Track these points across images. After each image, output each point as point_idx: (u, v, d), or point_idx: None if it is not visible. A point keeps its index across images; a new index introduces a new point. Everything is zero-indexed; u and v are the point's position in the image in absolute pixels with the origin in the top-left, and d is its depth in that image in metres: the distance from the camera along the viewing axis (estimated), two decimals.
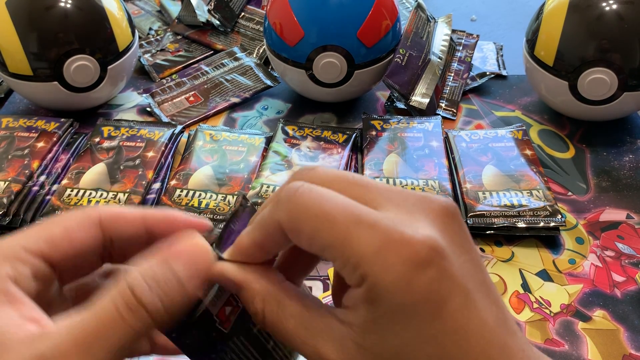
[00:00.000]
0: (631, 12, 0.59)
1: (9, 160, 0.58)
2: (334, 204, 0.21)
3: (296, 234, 0.21)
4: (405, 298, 0.20)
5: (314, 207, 0.21)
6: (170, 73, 0.76)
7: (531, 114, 0.70)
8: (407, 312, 0.20)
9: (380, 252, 0.20)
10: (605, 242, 0.53)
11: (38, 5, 0.61)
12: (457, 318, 0.20)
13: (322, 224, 0.21)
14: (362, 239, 0.20)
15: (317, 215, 0.21)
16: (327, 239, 0.21)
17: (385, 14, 0.64)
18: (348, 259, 0.20)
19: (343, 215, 0.21)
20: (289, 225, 0.21)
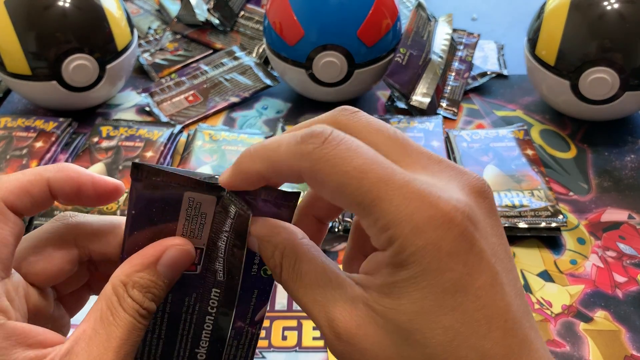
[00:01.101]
0: (633, 11, 0.58)
1: (7, 160, 0.58)
2: (364, 159, 0.20)
3: (319, 186, 0.20)
4: (432, 265, 0.19)
5: (342, 163, 0.19)
6: (169, 72, 0.76)
7: (532, 113, 0.70)
8: (432, 280, 0.19)
9: (413, 215, 0.19)
10: (607, 243, 0.53)
11: (37, 4, 0.61)
12: (481, 296, 0.19)
13: (349, 179, 0.19)
14: (394, 199, 0.19)
15: (345, 170, 0.19)
16: (355, 197, 0.20)
17: (385, 13, 0.64)
18: (377, 219, 0.19)
19: (374, 172, 0.19)
20: (311, 176, 0.20)
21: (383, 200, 0.19)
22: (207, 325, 0.26)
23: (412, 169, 0.21)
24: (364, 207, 0.20)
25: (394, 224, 0.19)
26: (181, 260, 0.24)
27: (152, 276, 0.23)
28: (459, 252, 0.19)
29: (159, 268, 0.23)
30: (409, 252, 0.19)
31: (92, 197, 0.25)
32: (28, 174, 0.24)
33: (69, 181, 0.25)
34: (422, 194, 0.19)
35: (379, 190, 0.19)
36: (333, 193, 0.20)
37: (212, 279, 0.25)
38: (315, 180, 0.20)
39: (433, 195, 0.19)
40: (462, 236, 0.19)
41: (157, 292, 0.23)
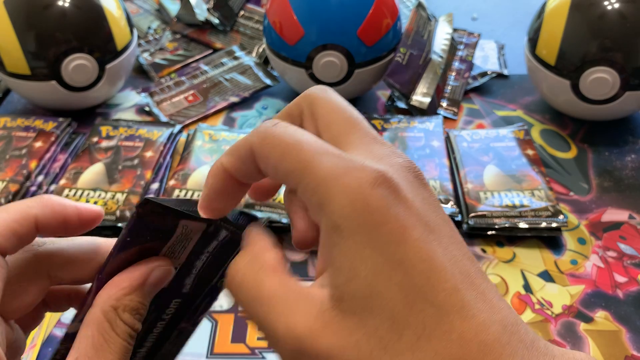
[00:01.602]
0: (633, 10, 0.58)
1: (6, 160, 0.57)
2: (305, 136, 0.21)
3: (265, 158, 0.22)
4: (364, 217, 0.19)
5: (285, 135, 0.21)
6: (169, 72, 0.76)
7: (533, 113, 0.69)
8: (371, 234, 0.19)
9: (338, 177, 0.20)
10: (607, 243, 0.53)
11: (36, 4, 0.61)
12: (421, 247, 0.19)
13: (289, 149, 0.21)
14: (323, 164, 0.20)
15: (287, 142, 0.21)
16: (292, 164, 0.21)
17: (385, 12, 0.64)
18: (308, 183, 0.20)
19: (311, 144, 0.21)
20: (259, 150, 0.22)
21: (314, 166, 0.20)
22: (157, 329, 0.26)
23: (353, 145, 0.22)
24: (298, 174, 0.21)
25: (322, 185, 0.20)
26: (164, 279, 0.24)
27: (140, 298, 0.24)
28: (388, 207, 0.20)
29: (145, 288, 0.24)
30: (339, 212, 0.20)
31: (77, 227, 0.25)
32: (13, 212, 0.24)
33: (55, 216, 0.25)
34: (351, 161, 0.20)
35: (313, 158, 0.21)
36: (275, 163, 0.21)
37: (176, 292, 0.25)
38: (262, 153, 0.22)
39: (360, 162, 0.20)
40: (388, 192, 0.20)
41: (143, 312, 0.24)
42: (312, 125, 0.24)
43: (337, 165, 0.20)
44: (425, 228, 0.20)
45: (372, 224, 0.19)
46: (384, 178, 0.20)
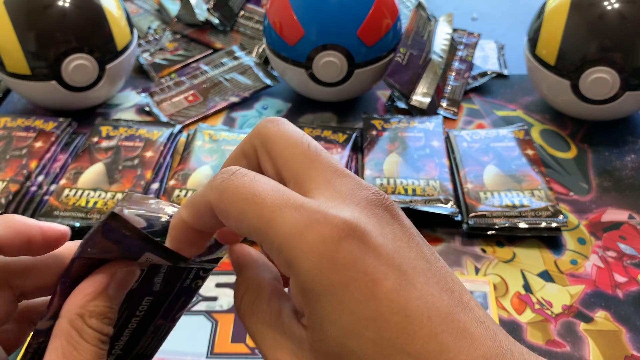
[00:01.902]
0: (633, 11, 0.58)
1: (6, 160, 0.57)
2: (264, 187, 0.21)
3: (225, 215, 0.21)
4: (332, 278, 0.19)
5: (243, 189, 0.21)
6: (169, 72, 0.76)
7: (533, 113, 0.70)
8: (339, 295, 0.19)
9: (302, 234, 0.19)
10: (607, 243, 0.53)
11: (36, 4, 0.61)
12: (393, 298, 0.19)
13: (249, 205, 0.20)
14: (285, 221, 0.20)
15: (245, 197, 0.20)
16: (253, 221, 0.20)
17: (385, 12, 0.64)
18: (272, 241, 0.20)
19: (271, 197, 0.20)
20: (218, 206, 0.21)
21: (277, 222, 0.20)
22: (132, 324, 0.26)
23: (315, 184, 0.21)
24: (261, 232, 0.20)
25: (286, 244, 0.20)
26: (128, 281, 0.24)
27: (106, 302, 0.23)
28: (355, 262, 0.19)
29: (110, 292, 0.23)
30: (306, 272, 0.19)
31: (41, 247, 0.25)
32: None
33: (18, 236, 0.24)
34: (313, 212, 0.20)
35: (273, 213, 0.20)
36: (236, 220, 0.21)
37: (147, 290, 0.25)
38: (222, 209, 0.21)
39: (323, 213, 0.20)
40: (355, 245, 0.19)
41: (112, 315, 0.24)
42: (270, 163, 0.23)
43: (298, 221, 0.20)
44: (398, 274, 0.20)
45: (340, 284, 0.19)
46: (349, 229, 0.20)
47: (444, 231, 0.54)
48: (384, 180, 0.56)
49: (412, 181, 0.55)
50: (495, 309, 0.47)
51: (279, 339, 0.21)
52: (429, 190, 0.54)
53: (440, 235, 0.54)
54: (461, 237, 0.53)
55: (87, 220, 0.51)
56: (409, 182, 0.55)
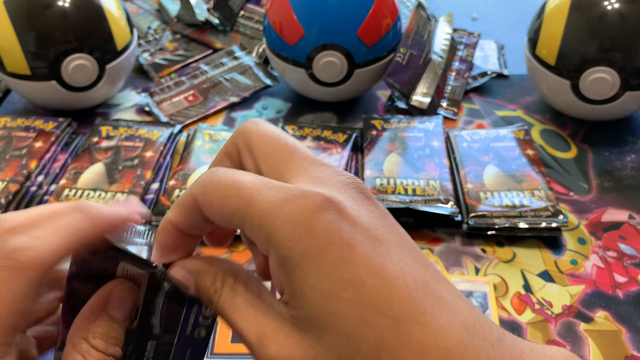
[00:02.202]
0: (633, 11, 0.58)
1: (6, 160, 0.57)
2: (243, 175, 0.22)
3: (209, 206, 0.22)
4: (309, 244, 0.20)
5: (225, 178, 0.22)
6: (169, 72, 0.76)
7: (533, 113, 0.69)
8: (317, 259, 0.20)
9: (280, 207, 0.20)
10: (607, 243, 0.53)
11: (36, 4, 0.61)
12: (370, 262, 0.20)
13: (230, 190, 0.21)
14: (264, 198, 0.21)
15: (227, 184, 0.21)
16: (234, 205, 0.21)
17: (385, 12, 0.64)
18: (252, 220, 0.21)
19: (250, 182, 0.21)
20: (202, 198, 0.22)
21: (256, 201, 0.21)
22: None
23: (293, 173, 0.23)
24: (242, 213, 0.21)
25: (266, 218, 0.20)
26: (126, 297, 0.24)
27: (108, 322, 0.24)
28: (332, 228, 0.20)
29: (111, 312, 0.24)
30: (285, 241, 0.20)
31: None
32: (68, 233, 0.24)
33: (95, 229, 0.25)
34: (290, 190, 0.21)
35: (252, 193, 0.21)
36: (219, 207, 0.22)
37: (148, 332, 0.25)
38: (205, 200, 0.22)
39: (301, 189, 0.21)
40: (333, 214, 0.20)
41: (117, 335, 0.24)
42: (251, 160, 0.24)
43: (277, 197, 0.21)
44: (373, 242, 0.20)
45: (317, 249, 0.20)
46: (325, 200, 0.20)
47: (444, 231, 0.54)
48: (384, 180, 0.56)
49: (412, 181, 0.55)
50: (495, 309, 0.47)
51: (261, 317, 0.22)
52: (429, 190, 0.54)
53: (440, 235, 0.54)
54: (461, 237, 0.53)
55: None
56: (409, 182, 0.55)
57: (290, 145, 0.24)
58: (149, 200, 0.55)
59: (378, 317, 0.19)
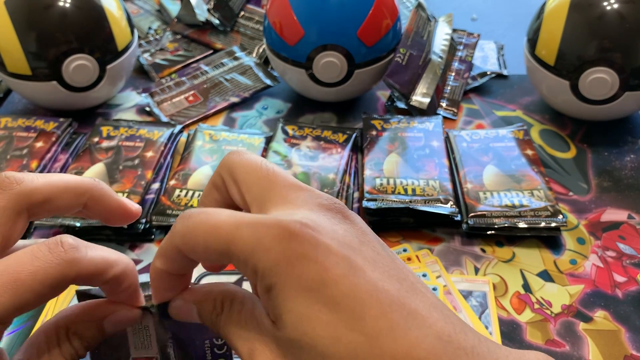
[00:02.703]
0: (633, 11, 0.58)
1: (7, 160, 0.58)
2: (218, 217, 0.23)
3: (193, 252, 0.23)
4: (287, 272, 0.21)
5: (201, 225, 0.23)
6: (169, 72, 0.76)
7: (532, 113, 0.70)
8: (294, 286, 0.21)
9: (261, 240, 0.21)
10: (607, 243, 0.53)
11: (37, 4, 0.61)
12: (343, 283, 0.21)
13: (210, 236, 0.22)
14: (244, 236, 0.22)
15: (205, 231, 0.22)
16: (218, 247, 0.22)
17: (385, 13, 0.64)
18: (238, 257, 0.22)
19: (227, 223, 0.22)
20: (185, 247, 0.23)
21: (237, 240, 0.22)
22: None
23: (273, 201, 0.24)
24: (228, 253, 0.22)
25: (250, 256, 0.22)
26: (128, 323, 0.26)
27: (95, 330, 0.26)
28: (306, 255, 0.21)
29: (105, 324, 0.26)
30: (267, 272, 0.21)
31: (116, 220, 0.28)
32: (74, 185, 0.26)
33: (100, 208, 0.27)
34: (267, 222, 0.22)
35: (233, 235, 0.22)
36: (204, 253, 0.23)
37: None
38: (188, 249, 0.23)
39: (275, 219, 0.22)
40: (305, 240, 0.21)
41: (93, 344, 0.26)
42: (236, 190, 0.26)
43: (254, 233, 0.22)
44: (347, 262, 0.21)
45: (294, 275, 0.21)
46: (300, 227, 0.22)
47: (443, 231, 0.54)
48: (383, 180, 0.56)
49: (412, 181, 0.56)
50: (495, 308, 0.47)
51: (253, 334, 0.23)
52: (428, 190, 0.54)
53: (440, 235, 0.54)
54: (461, 237, 0.54)
55: (87, 220, 0.51)
56: (408, 182, 0.55)
57: (271, 174, 0.25)
58: (150, 200, 0.55)
59: (351, 335, 0.20)
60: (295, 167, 0.58)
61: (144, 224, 0.53)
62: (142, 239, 0.53)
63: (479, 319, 0.46)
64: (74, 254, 0.23)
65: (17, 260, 0.22)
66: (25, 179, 0.25)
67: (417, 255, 0.51)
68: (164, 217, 0.53)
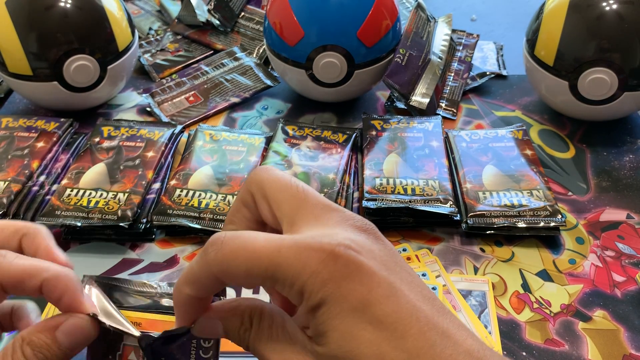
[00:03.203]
0: (631, 11, 0.59)
1: (8, 160, 0.58)
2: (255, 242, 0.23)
3: (233, 279, 0.24)
4: (334, 293, 0.22)
5: (240, 252, 0.23)
6: (170, 73, 0.76)
7: (531, 113, 0.70)
8: (341, 306, 0.22)
9: (306, 264, 0.22)
10: (606, 242, 0.53)
11: (38, 5, 0.61)
12: (386, 304, 0.22)
13: (251, 262, 0.23)
14: (288, 260, 0.23)
15: (246, 258, 0.23)
16: (261, 273, 0.23)
17: (385, 13, 0.64)
18: (284, 282, 0.23)
19: (267, 247, 0.23)
20: (223, 275, 0.24)
21: (281, 265, 0.23)
22: None
23: (306, 220, 0.25)
24: (273, 279, 0.23)
25: (296, 279, 0.22)
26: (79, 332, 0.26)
27: (48, 339, 0.26)
28: (352, 276, 0.22)
29: (57, 334, 0.26)
30: (314, 294, 0.22)
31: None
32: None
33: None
34: (308, 245, 0.23)
35: (275, 259, 0.23)
36: (246, 280, 0.24)
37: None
38: (229, 276, 0.24)
39: (318, 242, 0.23)
40: (350, 262, 0.22)
41: (48, 354, 0.26)
42: (266, 206, 0.26)
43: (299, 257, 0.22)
44: (388, 283, 0.23)
45: (340, 296, 0.22)
46: (343, 248, 0.22)
47: (443, 231, 0.54)
48: (383, 180, 0.56)
49: (412, 181, 0.56)
50: (494, 308, 0.47)
51: (287, 349, 0.24)
52: (428, 190, 0.55)
53: (440, 235, 0.54)
54: (460, 237, 0.54)
55: (88, 220, 0.52)
56: (408, 182, 0.56)
57: (301, 192, 0.25)
58: (150, 200, 0.55)
59: (394, 353, 0.22)
60: (295, 167, 0.58)
61: (144, 224, 0.53)
62: (142, 239, 0.54)
63: (478, 318, 0.46)
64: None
65: None
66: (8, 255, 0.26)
67: (417, 255, 0.51)
68: (165, 216, 0.53)
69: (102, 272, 0.51)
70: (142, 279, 0.32)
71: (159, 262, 0.52)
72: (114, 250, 0.53)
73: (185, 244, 0.53)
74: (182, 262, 0.52)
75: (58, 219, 0.52)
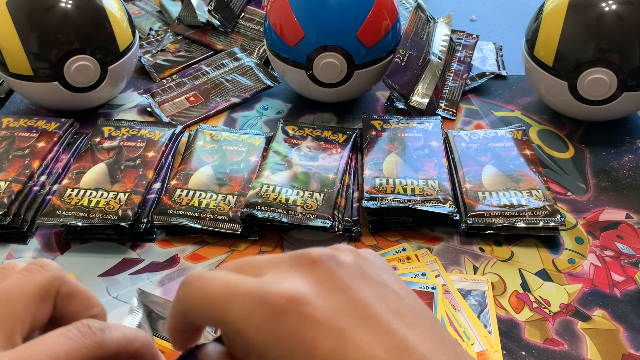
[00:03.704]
0: (630, 12, 0.59)
1: (9, 160, 0.58)
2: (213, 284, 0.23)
3: (196, 319, 0.24)
4: (277, 351, 0.21)
5: (198, 293, 0.24)
6: (170, 73, 0.76)
7: (531, 114, 0.70)
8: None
9: (249, 315, 0.22)
10: (605, 242, 0.53)
11: (38, 5, 0.62)
12: (333, 358, 0.21)
13: (205, 306, 0.23)
14: (234, 309, 0.22)
15: (200, 302, 0.23)
16: (213, 317, 0.23)
17: (385, 14, 0.64)
18: (231, 328, 0.23)
19: (220, 292, 0.23)
20: (187, 314, 0.24)
21: (230, 311, 0.23)
22: None
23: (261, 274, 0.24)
24: (222, 323, 0.23)
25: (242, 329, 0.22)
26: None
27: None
28: (295, 332, 0.21)
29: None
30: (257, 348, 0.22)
31: None
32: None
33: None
34: (255, 294, 0.22)
35: (225, 304, 0.23)
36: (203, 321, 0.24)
37: None
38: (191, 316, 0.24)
39: (263, 291, 0.22)
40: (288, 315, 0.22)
41: None
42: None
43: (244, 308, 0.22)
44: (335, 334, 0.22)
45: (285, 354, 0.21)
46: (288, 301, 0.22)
47: (442, 230, 0.55)
48: (383, 180, 0.56)
49: (411, 181, 0.56)
50: (494, 307, 0.47)
51: None
52: (427, 190, 0.55)
53: (439, 235, 0.54)
54: (460, 237, 0.54)
55: (89, 220, 0.52)
56: (408, 182, 0.56)
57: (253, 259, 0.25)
58: (151, 200, 0.55)
59: None
60: (296, 167, 0.58)
61: (145, 224, 0.53)
62: (143, 239, 0.54)
63: (477, 318, 0.46)
64: (102, 335, 0.24)
65: (51, 341, 0.23)
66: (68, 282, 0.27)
67: (417, 255, 0.52)
68: (165, 216, 0.53)
69: (103, 272, 0.51)
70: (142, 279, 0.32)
71: (160, 262, 0.52)
72: (114, 250, 0.53)
73: (185, 244, 0.54)
74: (183, 261, 0.52)
75: (59, 219, 0.52)
